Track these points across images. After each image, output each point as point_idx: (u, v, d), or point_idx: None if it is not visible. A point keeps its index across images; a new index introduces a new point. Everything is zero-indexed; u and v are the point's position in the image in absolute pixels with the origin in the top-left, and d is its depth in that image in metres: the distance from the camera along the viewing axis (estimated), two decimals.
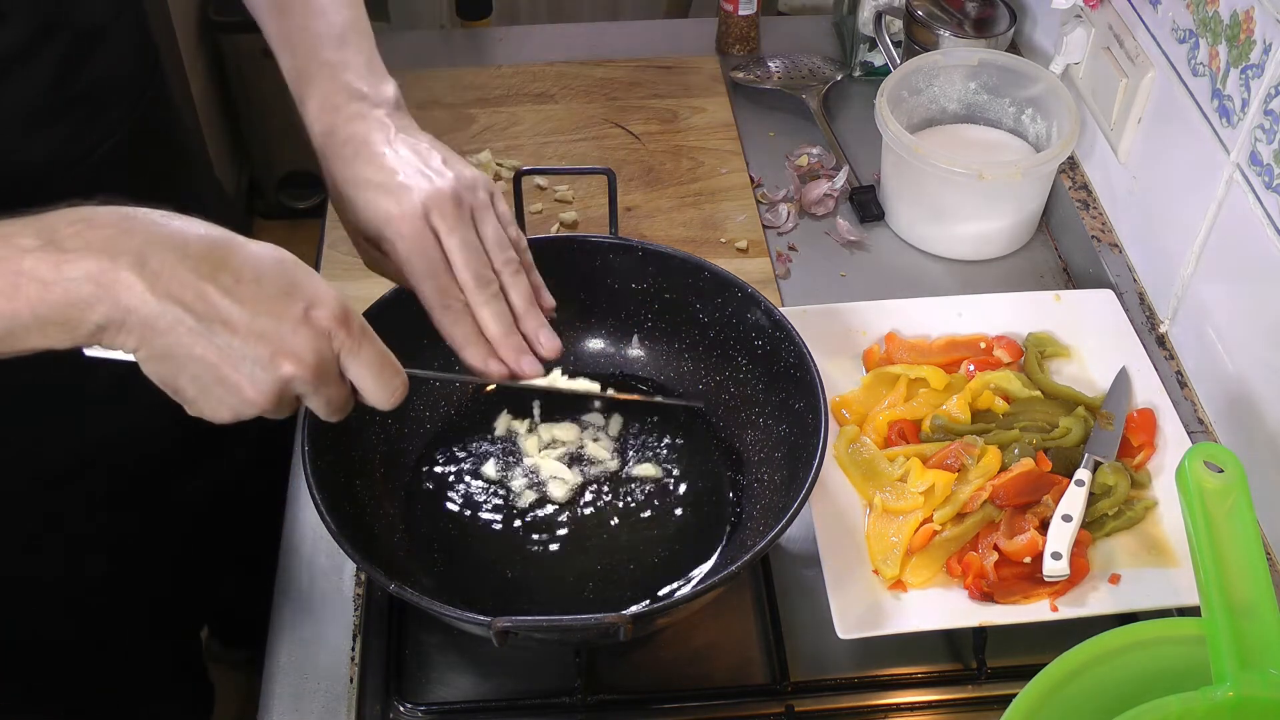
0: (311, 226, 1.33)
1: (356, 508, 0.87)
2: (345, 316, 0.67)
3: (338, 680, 0.87)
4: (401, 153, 0.81)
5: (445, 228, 0.78)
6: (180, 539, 1.25)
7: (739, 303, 0.94)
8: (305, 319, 0.66)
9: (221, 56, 2.44)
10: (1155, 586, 0.88)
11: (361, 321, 0.69)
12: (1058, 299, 1.09)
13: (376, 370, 0.69)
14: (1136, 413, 0.99)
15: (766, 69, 1.42)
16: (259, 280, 0.65)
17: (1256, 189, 0.93)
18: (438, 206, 0.78)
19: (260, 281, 0.65)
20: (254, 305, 0.64)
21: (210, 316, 0.64)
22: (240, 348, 0.64)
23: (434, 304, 0.79)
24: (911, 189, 1.20)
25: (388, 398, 0.71)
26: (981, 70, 1.25)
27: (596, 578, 0.89)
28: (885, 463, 0.95)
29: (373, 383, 0.70)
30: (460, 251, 0.79)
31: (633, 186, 1.27)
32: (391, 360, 0.71)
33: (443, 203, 0.78)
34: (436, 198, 0.78)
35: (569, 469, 0.95)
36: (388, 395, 0.71)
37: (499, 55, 1.47)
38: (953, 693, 0.88)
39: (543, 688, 0.87)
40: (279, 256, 0.67)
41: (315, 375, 0.66)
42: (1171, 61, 1.05)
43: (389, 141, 0.81)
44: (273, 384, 0.66)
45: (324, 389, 0.68)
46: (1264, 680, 0.66)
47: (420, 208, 0.78)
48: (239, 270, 0.65)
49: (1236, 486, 0.73)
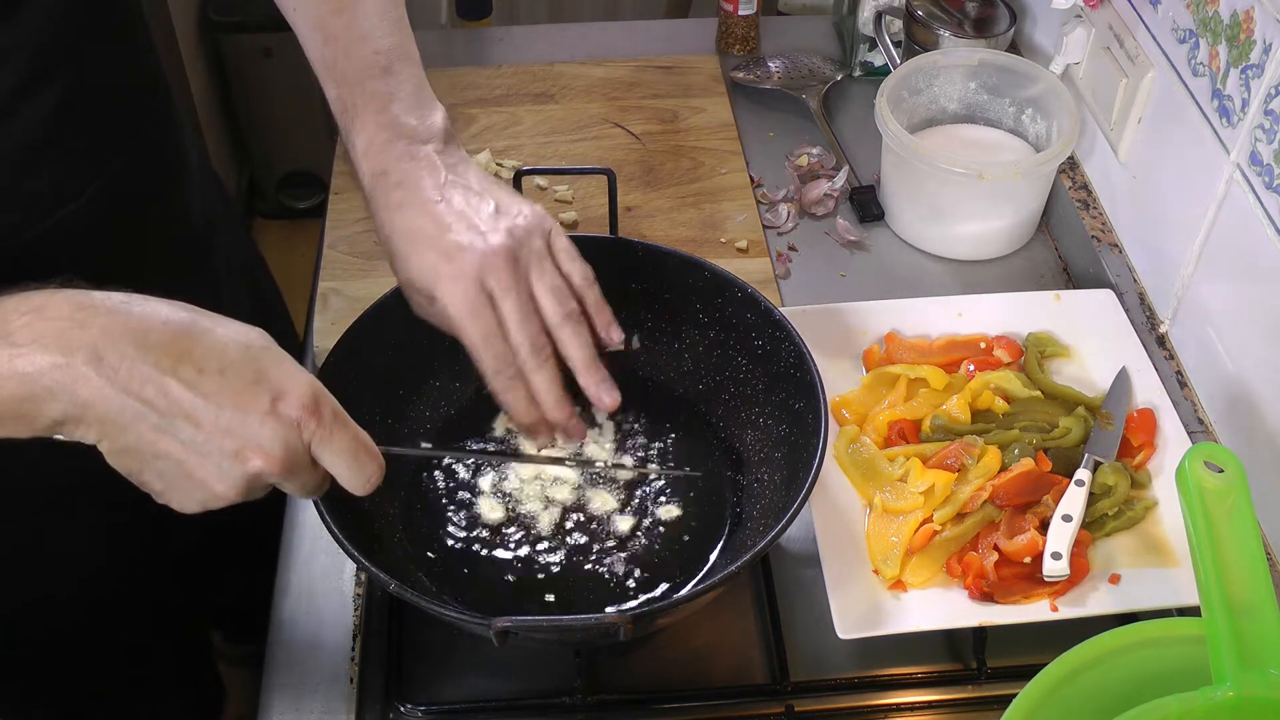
0: (311, 226, 1.34)
1: (357, 508, 0.87)
2: (315, 404, 0.65)
3: (338, 680, 0.87)
4: (454, 203, 0.79)
5: (500, 290, 0.77)
6: (181, 538, 1.25)
7: (739, 303, 0.94)
8: (273, 411, 0.63)
9: (221, 56, 2.44)
10: (1155, 586, 0.88)
11: (333, 407, 0.67)
12: (1058, 299, 1.09)
13: (349, 458, 0.68)
14: (1136, 413, 0.99)
15: (766, 69, 1.42)
16: (224, 371, 0.63)
17: (1256, 189, 0.93)
18: (492, 269, 0.77)
19: (225, 373, 0.63)
20: (219, 398, 0.62)
21: (173, 412, 0.62)
22: (205, 443, 0.63)
23: (489, 370, 0.79)
24: (911, 189, 1.20)
25: (363, 484, 0.69)
26: (981, 70, 1.25)
27: (596, 578, 0.89)
28: (885, 463, 0.95)
29: (346, 470, 0.68)
30: (515, 315, 0.77)
31: (633, 186, 1.27)
32: (366, 445, 0.69)
33: (497, 264, 0.77)
34: (491, 259, 0.76)
35: (569, 469, 0.95)
36: (362, 482, 0.69)
37: (499, 55, 1.46)
38: (953, 693, 0.88)
39: (543, 688, 0.87)
40: (246, 342, 0.65)
41: (284, 468, 0.65)
42: (1171, 61, 1.05)
43: (440, 188, 0.79)
44: (241, 479, 0.64)
45: (295, 478, 0.66)
46: (1264, 680, 0.66)
47: (474, 270, 0.76)
48: (202, 361, 0.63)
49: (1236, 486, 0.73)
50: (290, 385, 0.65)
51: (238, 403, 0.63)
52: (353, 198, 1.24)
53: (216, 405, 0.62)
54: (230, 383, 0.63)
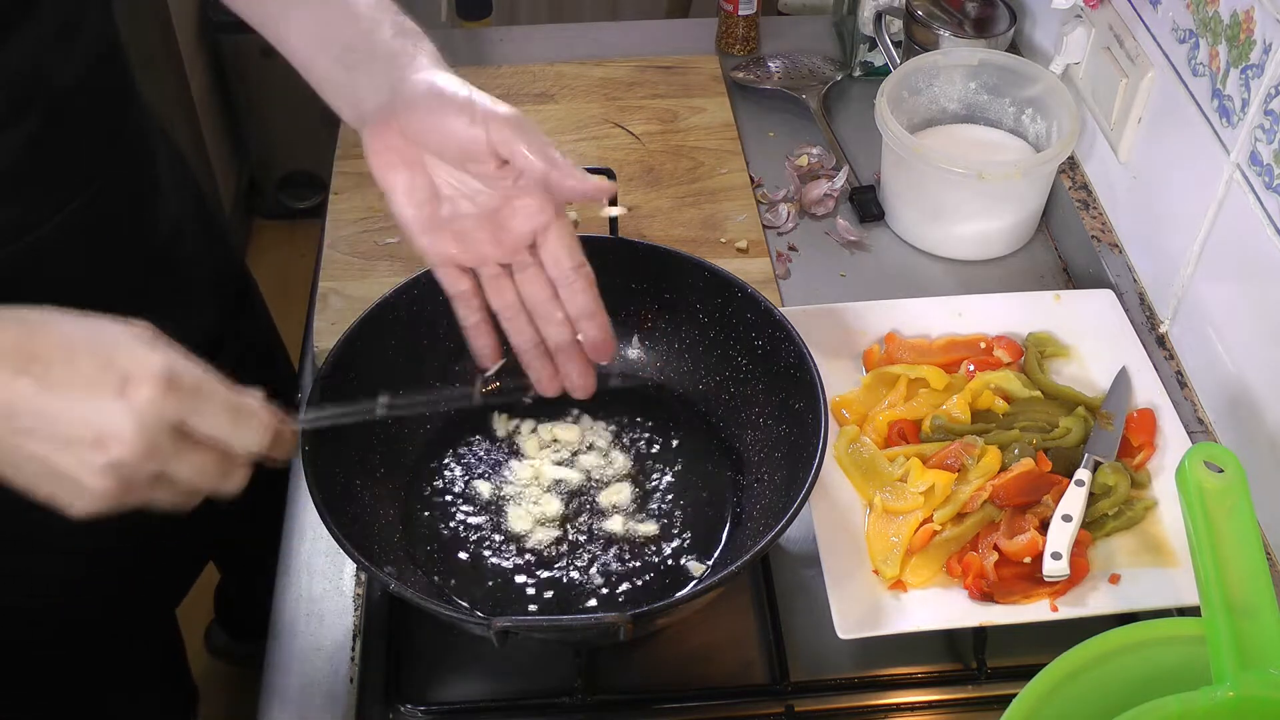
0: (311, 226, 1.34)
1: (356, 508, 0.87)
2: (170, 379, 0.63)
3: (338, 680, 0.87)
4: None
5: None
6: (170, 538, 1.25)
7: (739, 303, 0.94)
8: (121, 394, 0.62)
9: (221, 56, 2.44)
10: (1155, 586, 0.88)
11: (195, 377, 0.65)
12: (1058, 299, 1.09)
13: (227, 420, 0.65)
14: (1136, 413, 0.99)
15: (766, 69, 1.42)
16: (71, 361, 0.62)
17: (1256, 189, 0.93)
18: None
19: (73, 362, 0.62)
20: (68, 390, 0.62)
21: (29, 412, 0.61)
22: (63, 438, 0.62)
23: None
24: (911, 189, 1.20)
25: (255, 440, 0.67)
26: (981, 70, 1.25)
27: (596, 577, 0.89)
28: (885, 463, 0.95)
29: (231, 433, 0.66)
30: None
31: (633, 186, 1.27)
32: (246, 405, 0.67)
33: None
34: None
35: (569, 469, 0.95)
36: (254, 438, 0.67)
37: (499, 55, 1.46)
38: (953, 693, 0.88)
39: (543, 688, 0.87)
40: (94, 331, 0.64)
41: (149, 452, 0.63)
42: (1171, 61, 1.05)
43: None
44: (108, 469, 0.62)
45: (174, 461, 0.64)
46: (1264, 680, 0.66)
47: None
48: (49, 357, 0.62)
49: (1236, 486, 0.73)
50: (138, 366, 0.63)
51: (87, 392, 0.62)
52: (353, 198, 1.24)
53: (67, 398, 0.62)
54: (79, 372, 0.62)
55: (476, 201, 0.80)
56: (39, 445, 0.62)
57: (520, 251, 0.81)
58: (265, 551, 0.97)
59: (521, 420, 0.98)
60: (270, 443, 0.68)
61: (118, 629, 1.23)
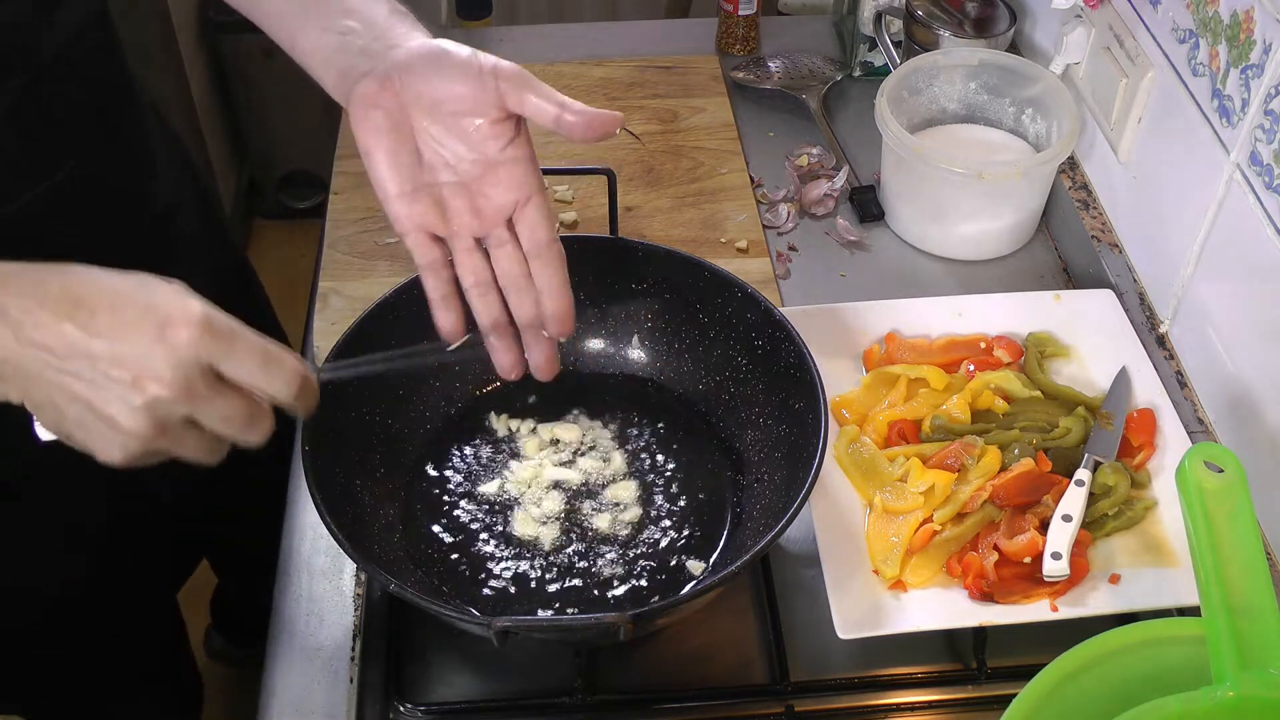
0: (311, 226, 1.34)
1: (356, 508, 0.87)
2: (206, 323, 0.66)
3: (338, 680, 0.87)
4: None
5: None
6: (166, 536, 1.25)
7: (739, 303, 0.94)
8: (161, 337, 0.65)
9: (221, 56, 2.44)
10: (1155, 586, 0.88)
11: (229, 324, 0.67)
12: (1058, 299, 1.09)
13: (259, 364, 0.68)
14: (1136, 413, 0.99)
15: (766, 69, 1.42)
16: (114, 307, 0.65)
17: (1256, 189, 0.93)
18: None
19: (116, 308, 0.65)
20: (111, 334, 0.64)
21: (71, 353, 0.64)
22: (104, 379, 0.64)
23: None
24: (911, 189, 1.20)
25: (284, 388, 0.69)
26: (981, 70, 1.25)
27: (596, 577, 0.89)
28: (885, 463, 0.95)
29: (260, 378, 0.68)
30: None
31: (633, 186, 1.27)
32: (276, 352, 0.69)
33: None
34: None
35: (569, 469, 0.95)
36: (282, 386, 0.69)
37: (499, 55, 1.46)
38: (953, 693, 0.88)
39: (543, 688, 0.87)
40: (137, 281, 0.67)
41: (184, 393, 0.65)
42: (1171, 61, 1.05)
43: None
44: (143, 410, 0.65)
45: (206, 405, 0.67)
46: (1264, 680, 0.66)
47: None
48: (94, 301, 0.65)
49: (1236, 486, 0.73)
50: (177, 310, 0.66)
51: (128, 335, 0.65)
52: (353, 198, 1.24)
53: (109, 340, 0.65)
54: (121, 317, 0.65)
55: (458, 170, 0.79)
56: (79, 386, 0.65)
57: (498, 225, 0.80)
58: (264, 551, 0.97)
59: (521, 420, 0.98)
60: (298, 390, 0.70)
61: (119, 620, 1.23)
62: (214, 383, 0.67)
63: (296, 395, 0.70)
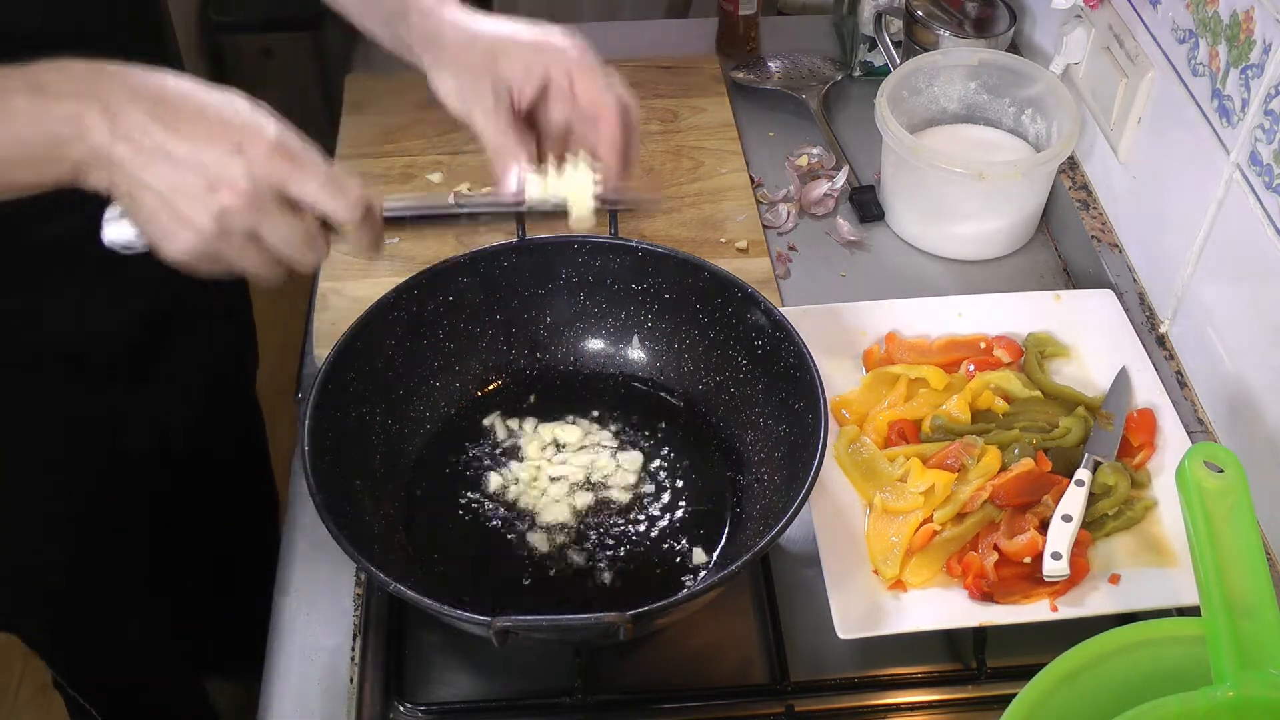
0: None
1: (356, 508, 0.87)
2: (282, 143, 0.71)
3: (338, 680, 0.87)
4: None
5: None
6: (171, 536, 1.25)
7: (739, 303, 0.94)
8: (239, 149, 0.70)
9: (221, 56, 2.44)
10: (1155, 586, 0.88)
11: (301, 146, 0.72)
12: (1058, 299, 1.09)
13: (323, 185, 0.72)
14: (1136, 413, 0.99)
15: (766, 69, 1.42)
16: (200, 114, 0.70)
17: (1256, 189, 0.93)
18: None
19: (201, 115, 0.70)
20: (193, 139, 0.69)
21: (155, 150, 0.69)
22: (180, 178, 0.69)
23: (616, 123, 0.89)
24: (911, 189, 1.20)
25: (345, 211, 0.74)
26: (981, 70, 1.25)
27: (596, 577, 0.89)
28: (885, 463, 0.95)
29: (324, 199, 0.72)
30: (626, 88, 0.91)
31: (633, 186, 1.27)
32: (341, 178, 0.73)
33: None
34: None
35: (569, 470, 0.95)
36: (345, 205, 0.73)
37: None
38: (953, 693, 0.88)
39: (543, 688, 0.87)
40: (225, 96, 0.72)
41: (251, 203, 0.70)
42: (1171, 61, 1.05)
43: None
44: (213, 212, 0.70)
45: (269, 219, 0.71)
46: (1264, 680, 0.66)
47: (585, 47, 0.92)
48: (181, 108, 0.70)
49: (1236, 486, 0.73)
50: (257, 128, 0.71)
51: (209, 142, 0.70)
52: None
53: (191, 144, 0.69)
54: (204, 125, 0.70)
55: None
56: (158, 180, 0.70)
57: None
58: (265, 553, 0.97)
59: (522, 421, 0.98)
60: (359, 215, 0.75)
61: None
62: (281, 201, 0.72)
63: (358, 220, 0.75)
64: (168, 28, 1.03)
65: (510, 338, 1.00)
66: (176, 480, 1.25)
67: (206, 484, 1.32)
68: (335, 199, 0.73)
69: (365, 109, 1.34)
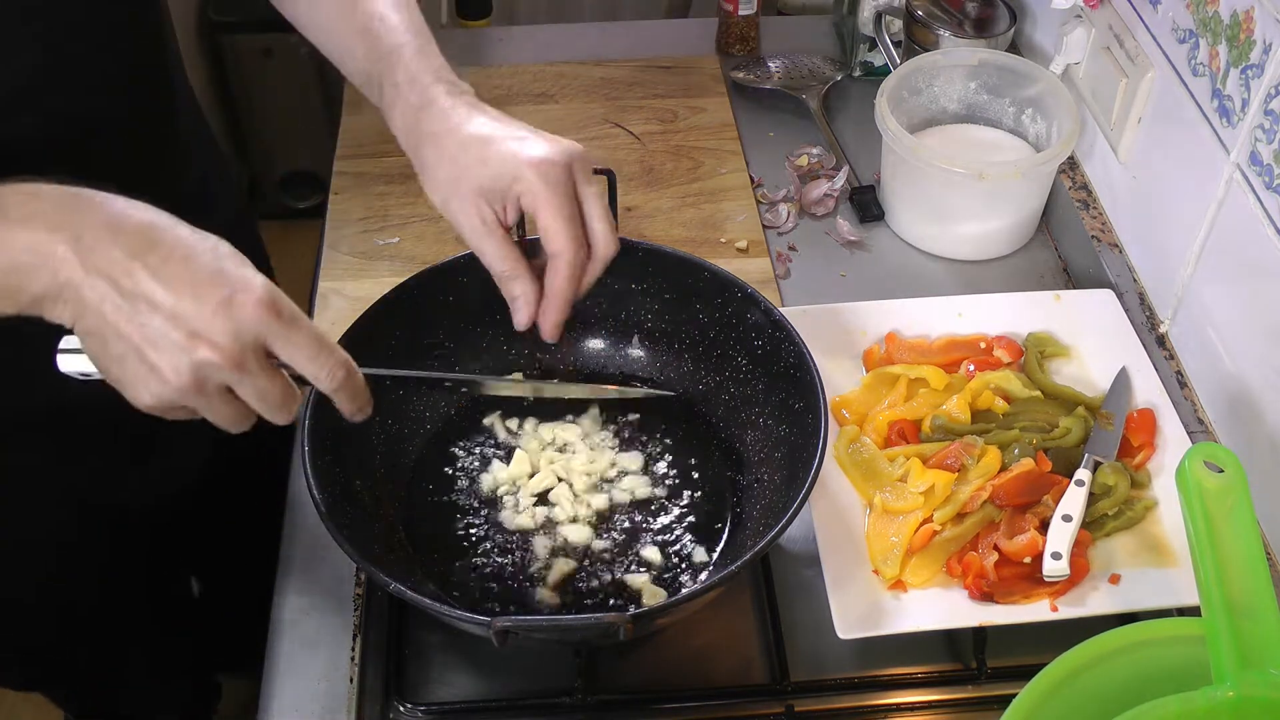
0: (311, 226, 1.34)
1: (356, 508, 0.87)
2: (272, 303, 0.67)
3: (338, 680, 0.87)
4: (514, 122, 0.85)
5: (583, 179, 0.83)
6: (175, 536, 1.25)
7: (739, 303, 0.94)
8: (228, 303, 0.66)
9: (221, 56, 2.43)
10: (1155, 586, 0.88)
11: (292, 307, 0.69)
12: (1058, 299, 1.09)
13: (310, 353, 0.70)
14: (1136, 413, 0.99)
15: (766, 69, 1.42)
16: (187, 261, 0.66)
17: (1256, 189, 0.93)
18: (579, 157, 0.83)
19: (189, 263, 0.66)
20: (178, 287, 0.65)
21: (134, 294, 0.65)
22: (160, 328, 0.65)
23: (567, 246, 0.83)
24: (911, 189, 1.20)
25: (326, 378, 0.71)
26: (981, 70, 1.25)
27: (596, 577, 0.89)
28: (885, 463, 0.95)
29: (308, 364, 0.70)
30: (599, 206, 0.84)
31: (633, 186, 1.27)
32: (328, 344, 0.71)
33: (580, 156, 0.84)
34: (576, 151, 0.83)
35: (569, 470, 0.95)
36: (326, 376, 0.71)
37: (499, 55, 1.46)
38: (953, 693, 0.88)
39: (543, 688, 0.87)
40: (213, 244, 0.68)
41: (234, 362, 0.66)
42: (1171, 61, 1.05)
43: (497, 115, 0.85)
44: (190, 368, 0.66)
45: (249, 378, 0.68)
46: (1264, 680, 0.66)
47: (565, 155, 0.82)
48: (169, 251, 0.66)
49: (1236, 486, 0.73)
50: (248, 284, 0.67)
51: (195, 292, 0.66)
52: (353, 198, 1.24)
53: (175, 292, 0.65)
54: (191, 274, 0.66)
55: None
56: (133, 328, 0.66)
57: None
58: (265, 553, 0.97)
59: (522, 420, 0.98)
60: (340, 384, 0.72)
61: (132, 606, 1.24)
62: (264, 360, 0.68)
63: (338, 388, 0.72)
64: (168, 28, 1.02)
65: (510, 338, 1.00)
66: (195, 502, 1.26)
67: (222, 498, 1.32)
68: (319, 365, 0.70)
69: (365, 109, 1.33)
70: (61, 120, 0.89)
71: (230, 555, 1.51)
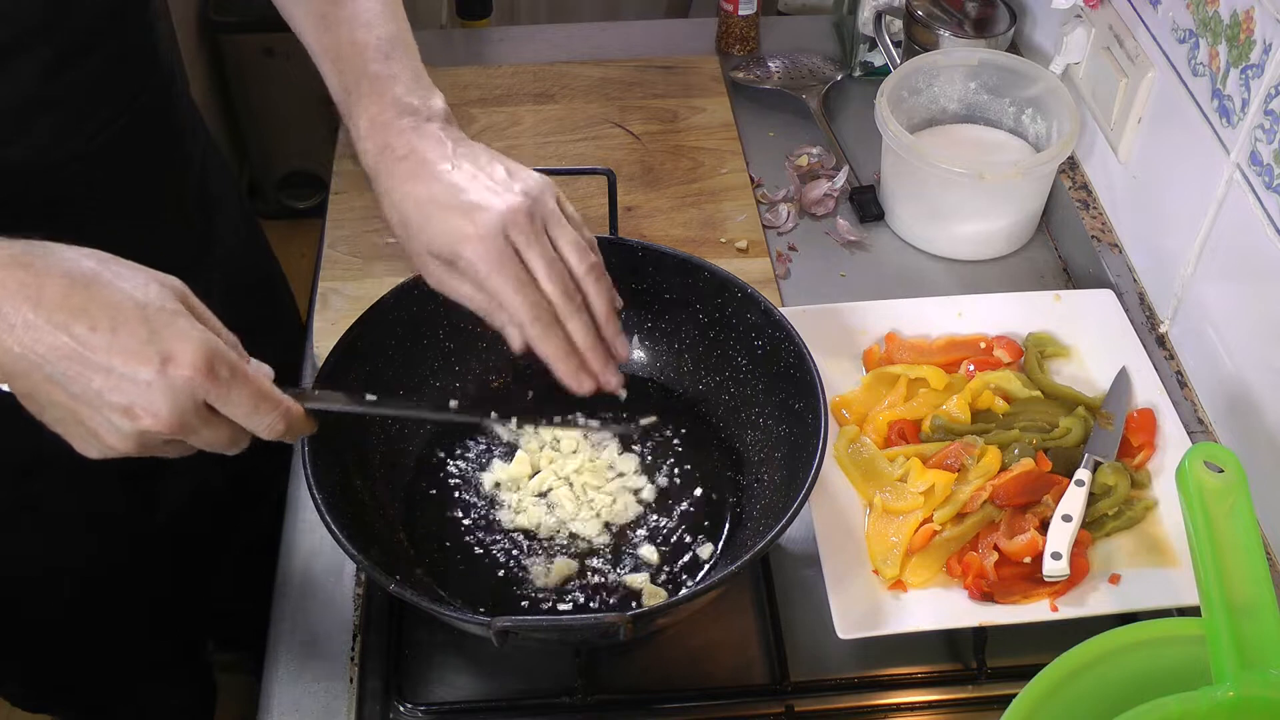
0: (311, 226, 1.34)
1: (356, 508, 0.87)
2: (208, 365, 0.65)
3: (338, 680, 0.87)
4: (464, 168, 0.80)
5: (524, 243, 0.78)
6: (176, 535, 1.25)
7: (739, 303, 0.94)
8: (162, 371, 0.64)
9: (221, 56, 2.43)
10: (1155, 586, 0.88)
11: (230, 361, 0.67)
12: (1058, 299, 1.09)
13: (248, 409, 0.68)
14: (1136, 413, 0.99)
15: (766, 69, 1.42)
16: (115, 329, 0.64)
17: (1256, 189, 0.93)
18: (514, 224, 0.77)
19: (117, 330, 0.64)
20: (108, 356, 0.63)
21: (64, 366, 0.63)
22: (95, 398, 0.64)
23: (526, 317, 0.78)
24: (911, 189, 1.20)
25: (266, 431, 0.70)
26: (981, 70, 1.25)
27: (596, 577, 0.89)
28: (885, 463, 0.95)
29: (246, 420, 0.69)
30: (543, 265, 0.78)
31: (633, 186, 1.27)
32: (268, 395, 0.69)
33: (518, 219, 0.77)
34: (512, 215, 0.77)
35: (569, 470, 0.95)
36: (265, 429, 0.70)
37: (499, 55, 1.47)
38: (953, 693, 0.88)
39: (543, 688, 0.87)
40: (143, 301, 0.65)
41: (176, 428, 0.66)
42: (1171, 61, 1.05)
43: (449, 158, 0.80)
44: (133, 435, 0.65)
45: (196, 435, 0.67)
46: (1264, 680, 0.66)
47: (498, 225, 0.77)
48: (95, 319, 0.64)
49: (1236, 486, 0.73)
50: (181, 347, 0.65)
51: (127, 362, 0.64)
52: (353, 198, 1.24)
53: (106, 363, 0.63)
54: (121, 341, 0.64)
55: None
56: (66, 397, 0.65)
57: None
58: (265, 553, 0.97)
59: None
60: (283, 431, 0.71)
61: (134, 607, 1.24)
62: (205, 415, 0.67)
63: (280, 438, 0.71)
64: (168, 27, 1.03)
65: None
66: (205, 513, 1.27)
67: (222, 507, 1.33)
68: (258, 420, 0.69)
69: None
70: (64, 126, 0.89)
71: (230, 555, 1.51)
